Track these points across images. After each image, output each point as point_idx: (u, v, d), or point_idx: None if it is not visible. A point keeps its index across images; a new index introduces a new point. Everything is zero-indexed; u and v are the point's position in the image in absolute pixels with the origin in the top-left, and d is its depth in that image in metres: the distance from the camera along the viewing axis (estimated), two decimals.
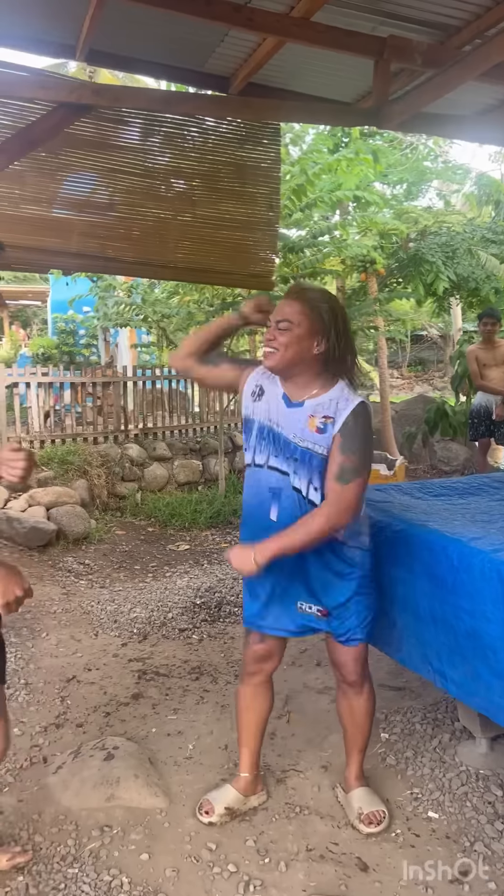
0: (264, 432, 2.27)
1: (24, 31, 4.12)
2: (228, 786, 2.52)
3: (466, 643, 2.13)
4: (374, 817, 2.39)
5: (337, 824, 2.44)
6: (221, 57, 4.35)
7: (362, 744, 2.50)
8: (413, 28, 3.89)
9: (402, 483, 3.18)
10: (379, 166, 7.18)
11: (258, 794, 2.54)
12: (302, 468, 2.19)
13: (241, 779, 2.51)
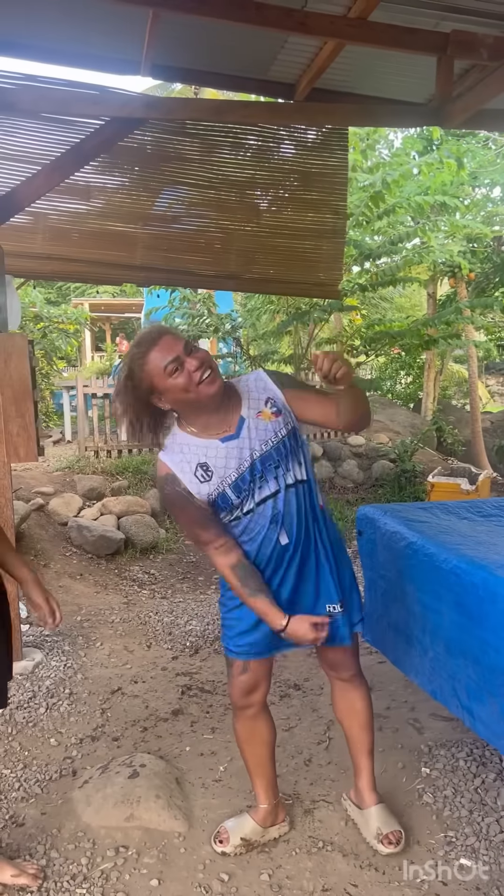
0: (239, 485, 2.06)
1: (89, 49, 4.20)
2: (247, 815, 2.42)
3: (493, 679, 1.96)
4: (393, 837, 2.31)
5: (360, 864, 2.29)
6: (283, 63, 4.30)
7: (370, 744, 2.41)
8: (479, 21, 3.71)
9: (450, 502, 2.99)
10: (463, 170, 6.90)
11: (279, 825, 2.43)
12: (289, 456, 2.09)
13: (259, 809, 2.41)
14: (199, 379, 1.95)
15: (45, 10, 3.67)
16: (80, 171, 4.03)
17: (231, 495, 2.06)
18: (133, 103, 3.70)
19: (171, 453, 2.10)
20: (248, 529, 2.10)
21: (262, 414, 2.08)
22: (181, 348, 1.96)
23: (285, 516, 2.08)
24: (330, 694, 2.50)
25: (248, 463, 2.05)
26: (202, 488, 2.06)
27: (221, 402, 2.04)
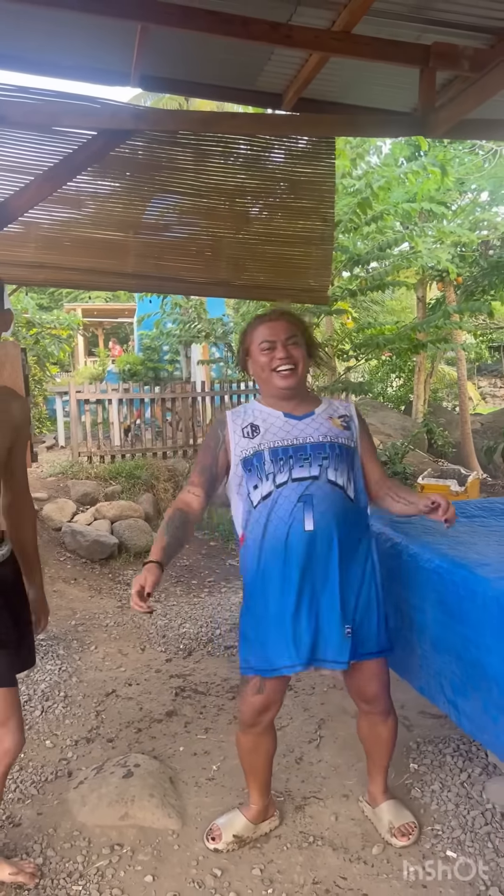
0: (279, 453, 2.18)
1: (79, 60, 4.27)
2: (238, 812, 2.49)
3: (474, 674, 2.02)
4: (406, 829, 2.40)
5: (349, 858, 2.35)
6: (271, 74, 4.37)
7: (387, 762, 2.50)
8: (460, 34, 3.79)
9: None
10: (448, 177, 6.99)
11: (269, 820, 2.50)
12: (339, 462, 2.19)
13: (251, 808, 2.48)
14: (276, 366, 2.19)
15: (36, 24, 3.73)
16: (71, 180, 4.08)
17: (267, 457, 2.17)
18: (123, 114, 3.77)
19: (235, 412, 2.33)
20: (278, 505, 2.15)
21: (333, 420, 2.26)
22: (283, 336, 2.19)
23: (316, 504, 2.13)
24: (320, 695, 2.57)
25: (297, 442, 2.19)
26: (242, 442, 2.23)
27: (298, 394, 2.25)
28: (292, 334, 2.22)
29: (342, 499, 2.18)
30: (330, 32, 3.65)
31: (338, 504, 2.17)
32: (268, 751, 2.43)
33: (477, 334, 11.49)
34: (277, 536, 2.15)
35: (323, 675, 3.53)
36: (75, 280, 4.84)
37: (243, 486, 2.23)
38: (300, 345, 2.23)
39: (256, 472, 2.20)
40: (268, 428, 2.22)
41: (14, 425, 2.08)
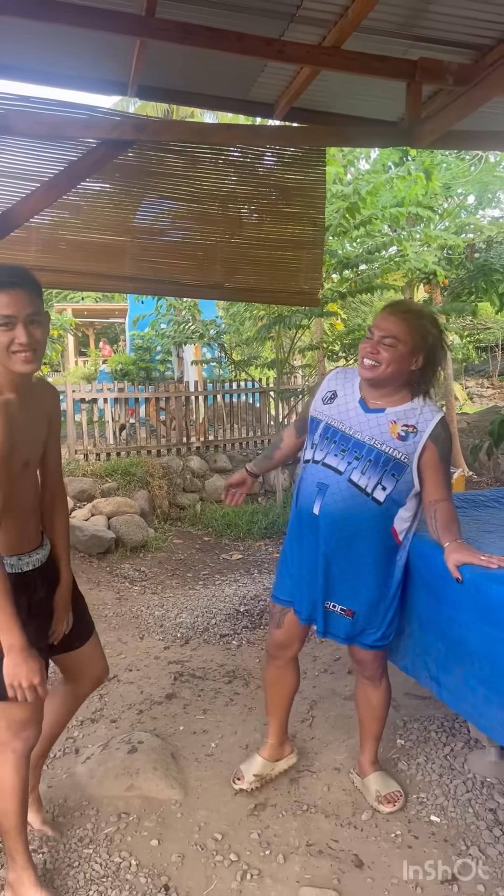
0: (329, 433, 2.35)
1: (80, 71, 4.43)
2: (255, 755, 2.76)
3: (455, 650, 2.20)
4: (392, 797, 2.57)
5: (340, 823, 2.53)
6: (263, 85, 4.54)
7: (378, 732, 2.67)
8: (445, 49, 3.97)
9: None
10: (432, 182, 7.19)
11: (286, 758, 2.78)
12: (372, 468, 2.25)
13: (266, 746, 2.76)
14: (364, 355, 2.28)
15: (38, 37, 3.89)
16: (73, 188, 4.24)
17: (320, 430, 2.38)
18: (123, 126, 3.93)
19: (340, 371, 2.53)
20: (304, 480, 2.42)
21: (393, 426, 2.28)
22: (381, 335, 2.24)
23: (329, 495, 2.30)
24: (311, 678, 2.79)
25: (349, 432, 2.32)
26: (317, 403, 2.45)
27: (381, 389, 2.31)
28: (391, 335, 2.22)
29: (360, 499, 2.27)
30: (321, 48, 3.83)
31: (351, 502, 2.28)
32: (289, 686, 2.71)
33: (464, 335, 11.66)
34: (299, 504, 2.44)
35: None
36: (74, 282, 5.01)
37: (307, 438, 2.48)
38: (396, 348, 2.22)
39: (311, 435, 2.44)
40: (340, 404, 2.37)
41: (49, 418, 2.13)
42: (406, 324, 2.23)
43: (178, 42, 3.63)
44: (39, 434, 2.09)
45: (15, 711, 1.99)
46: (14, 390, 1.94)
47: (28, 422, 1.99)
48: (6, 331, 1.84)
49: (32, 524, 2.09)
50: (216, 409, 8.83)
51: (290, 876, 2.28)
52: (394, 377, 2.27)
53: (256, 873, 2.29)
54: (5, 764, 2.02)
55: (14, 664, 1.83)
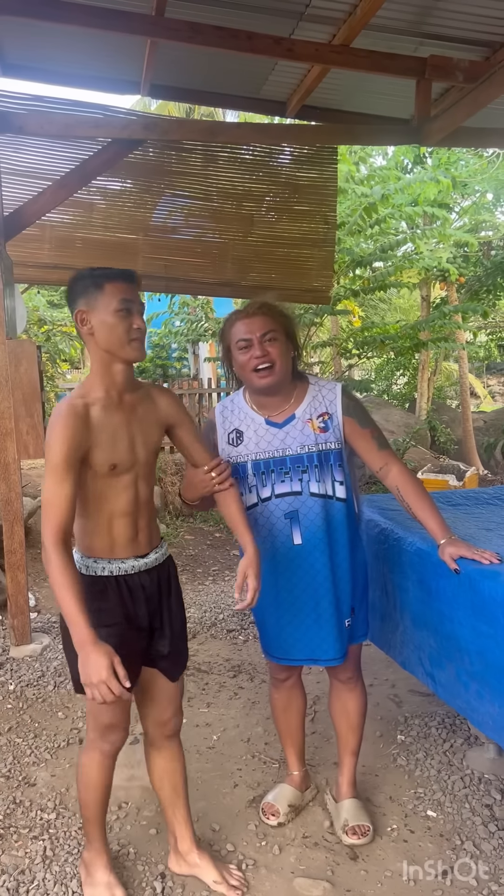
0: (261, 467, 2.25)
1: (92, 71, 4.49)
2: (284, 785, 2.60)
3: (448, 646, 2.21)
4: (359, 829, 2.40)
5: None
6: (275, 84, 4.58)
7: (356, 745, 2.52)
8: (455, 46, 3.98)
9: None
10: (447, 182, 7.16)
11: (310, 789, 2.65)
12: (321, 471, 2.22)
13: (294, 776, 2.61)
14: (254, 367, 2.14)
15: (51, 37, 3.95)
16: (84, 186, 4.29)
17: (250, 471, 2.25)
18: (133, 125, 3.97)
19: (224, 407, 2.35)
20: (264, 517, 2.26)
21: (311, 423, 2.23)
22: (259, 334, 2.13)
23: (302, 519, 2.22)
24: (315, 674, 2.75)
25: (278, 454, 2.23)
26: (227, 449, 2.29)
27: (280, 391, 2.22)
28: (269, 329, 2.14)
29: (329, 506, 2.23)
30: (330, 46, 3.85)
31: (324, 513, 2.23)
32: (299, 708, 2.57)
33: (485, 333, 11.60)
34: (267, 548, 2.24)
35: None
36: None
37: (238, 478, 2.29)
38: (279, 340, 2.16)
39: (241, 482, 2.26)
40: (251, 436, 2.26)
41: (165, 422, 2.07)
42: (270, 316, 2.17)
43: (187, 41, 3.68)
44: (143, 439, 1.99)
45: (99, 713, 2.00)
46: (105, 390, 1.93)
47: (121, 425, 1.93)
48: (125, 317, 1.88)
49: (123, 530, 1.97)
50: (212, 409, 8.88)
51: (284, 867, 2.31)
52: (286, 372, 2.20)
53: (252, 864, 2.32)
54: (92, 762, 2.09)
55: (83, 660, 1.75)
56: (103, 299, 1.88)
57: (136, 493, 1.98)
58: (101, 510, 1.94)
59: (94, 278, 1.90)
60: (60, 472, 1.81)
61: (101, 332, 1.89)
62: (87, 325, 1.90)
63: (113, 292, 1.88)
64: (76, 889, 2.21)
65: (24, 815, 2.59)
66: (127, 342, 1.89)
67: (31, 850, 2.40)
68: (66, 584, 1.76)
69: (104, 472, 1.90)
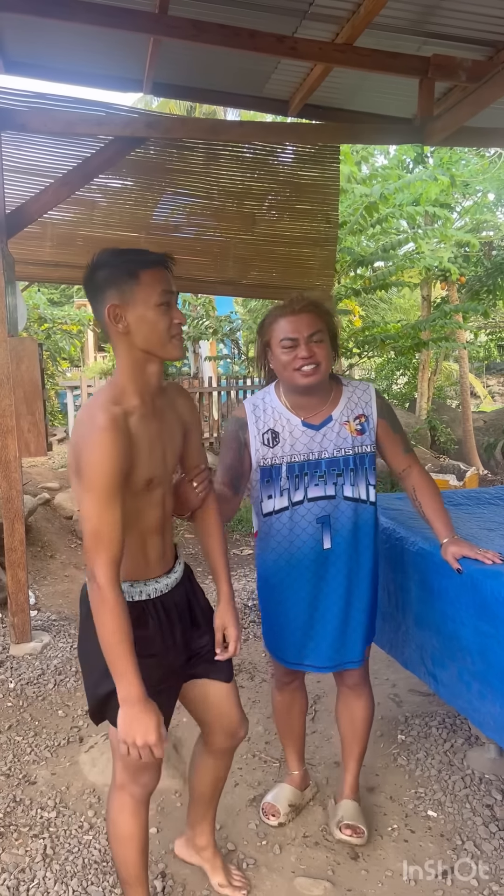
0: (295, 470, 2.18)
1: (94, 68, 4.48)
2: (284, 784, 2.60)
3: (451, 646, 2.21)
4: (353, 829, 2.37)
5: None
6: (277, 82, 4.56)
7: (359, 753, 2.49)
8: (459, 46, 3.97)
9: None
10: (450, 181, 7.16)
11: (310, 787, 2.64)
12: (356, 475, 2.19)
13: (294, 776, 2.60)
14: (298, 366, 2.07)
15: (53, 35, 3.94)
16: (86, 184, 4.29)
17: (284, 473, 2.17)
18: (135, 123, 3.97)
19: (255, 405, 2.23)
20: (293, 522, 2.19)
21: (348, 425, 2.19)
22: (307, 333, 2.05)
23: (334, 524, 2.18)
24: (316, 673, 2.72)
25: (314, 456, 2.17)
26: (262, 450, 2.19)
27: (317, 393, 2.16)
28: (316, 329, 2.07)
29: (360, 510, 2.20)
30: (333, 44, 3.84)
31: (355, 517, 2.20)
32: (302, 709, 2.56)
33: (485, 333, 11.61)
34: (292, 552, 2.21)
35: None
36: None
37: (259, 492, 2.24)
38: (325, 341, 2.09)
39: (272, 484, 2.20)
40: (286, 437, 2.18)
41: (185, 427, 1.91)
42: (317, 315, 2.10)
43: (190, 39, 3.67)
44: (171, 446, 1.83)
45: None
46: (140, 396, 1.72)
47: (156, 434, 1.75)
48: (167, 311, 1.67)
49: (155, 548, 1.81)
50: (230, 406, 8.89)
51: (285, 866, 2.31)
52: (326, 374, 2.14)
53: (252, 863, 2.32)
54: (123, 809, 1.88)
55: (129, 718, 1.61)
56: (141, 291, 1.64)
57: (165, 506, 1.83)
58: (134, 529, 1.73)
59: (126, 265, 1.65)
60: (110, 494, 1.58)
61: (141, 330, 1.66)
62: (122, 323, 1.65)
63: (151, 283, 1.64)
64: (76, 888, 2.21)
65: (24, 814, 2.59)
66: (169, 339, 1.68)
67: (31, 849, 2.40)
68: (120, 631, 1.58)
69: (140, 489, 1.71)
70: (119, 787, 1.88)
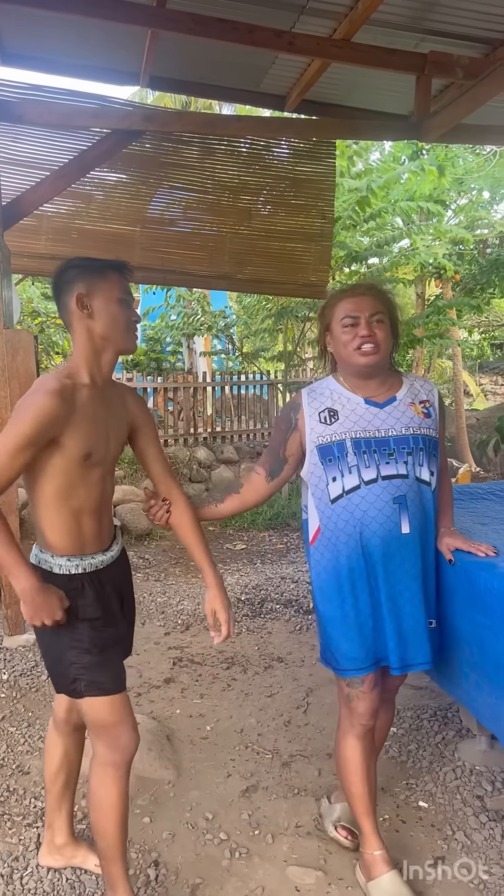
0: (361, 445, 2.03)
1: (92, 61, 4.48)
2: (379, 879, 2.12)
3: (450, 637, 2.21)
4: (347, 831, 2.34)
5: None
6: (275, 77, 4.57)
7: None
8: (456, 43, 3.99)
9: None
10: (444, 178, 7.19)
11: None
12: (426, 456, 2.06)
13: (377, 857, 2.14)
14: (359, 345, 2.01)
15: (51, 27, 3.93)
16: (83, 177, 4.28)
17: (349, 448, 2.02)
18: (132, 116, 3.97)
19: (312, 389, 2.16)
20: (367, 502, 2.01)
21: (414, 406, 2.10)
22: (368, 313, 2.02)
23: (410, 506, 2.02)
24: (308, 666, 2.71)
25: (380, 434, 2.04)
26: (319, 427, 2.07)
27: (376, 376, 2.08)
28: (377, 311, 2.03)
29: (429, 495, 2.08)
30: (331, 40, 3.85)
31: (426, 502, 2.07)
32: (374, 768, 2.24)
33: (478, 332, 11.63)
34: (369, 538, 2.01)
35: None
36: None
37: (321, 476, 2.07)
38: (384, 322, 2.05)
39: (337, 464, 2.04)
40: (348, 415, 2.06)
41: (133, 422, 2.01)
42: (381, 298, 2.08)
43: (188, 33, 3.67)
44: (115, 434, 1.93)
45: (100, 713, 1.87)
46: (92, 378, 1.87)
47: (101, 415, 1.87)
48: (126, 307, 1.88)
49: (90, 527, 1.89)
50: (224, 401, 8.90)
51: (277, 855, 2.33)
52: (386, 358, 2.08)
53: (245, 852, 2.34)
54: (104, 781, 1.90)
55: (35, 605, 1.75)
56: (106, 286, 1.85)
57: (104, 489, 1.92)
58: (69, 506, 1.84)
59: (94, 265, 1.88)
60: (24, 442, 1.70)
61: (103, 319, 1.84)
62: (87, 309, 1.83)
63: (115, 281, 1.87)
64: (70, 876, 2.22)
65: (17, 803, 2.60)
66: (127, 330, 1.89)
67: (24, 838, 2.41)
68: (2, 535, 1.72)
69: (77, 461, 1.80)
70: (101, 762, 1.91)
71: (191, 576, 5.50)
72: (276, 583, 5.11)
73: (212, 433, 8.47)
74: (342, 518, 2.04)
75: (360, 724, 2.14)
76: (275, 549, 6.27)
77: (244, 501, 2.20)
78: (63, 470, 1.80)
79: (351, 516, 2.03)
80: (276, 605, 4.66)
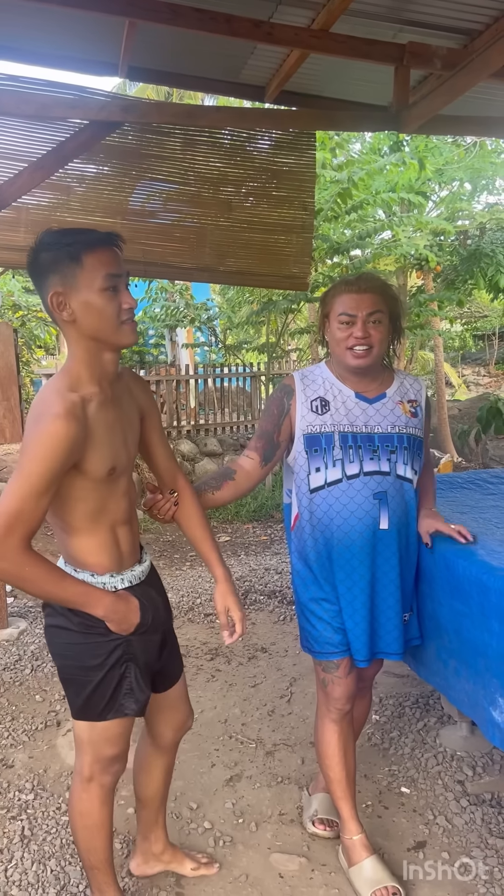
0: (349, 440, 2.06)
1: (68, 51, 4.43)
2: (360, 865, 2.15)
3: (429, 625, 2.24)
4: (326, 821, 2.37)
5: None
6: (254, 68, 4.54)
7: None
8: (435, 34, 3.98)
9: None
10: (426, 170, 7.20)
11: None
12: (408, 455, 2.08)
13: (355, 841, 2.17)
14: (352, 345, 2.01)
15: (27, 16, 3.88)
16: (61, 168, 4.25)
17: (336, 441, 2.04)
18: (111, 107, 3.93)
19: (304, 375, 2.16)
20: (348, 497, 2.04)
21: (402, 405, 2.12)
22: (365, 312, 2.00)
23: (390, 502, 2.05)
24: (292, 657, 2.73)
25: (366, 430, 2.06)
26: (309, 416, 2.08)
27: (367, 374, 2.09)
28: (377, 310, 2.01)
29: (409, 492, 2.10)
30: (309, 30, 3.82)
31: (408, 500, 2.10)
32: (353, 748, 2.29)
33: (460, 323, 11.67)
34: (346, 531, 2.05)
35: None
36: None
37: (304, 465, 2.09)
38: (383, 322, 2.04)
39: (321, 455, 2.06)
40: (338, 407, 2.08)
41: (143, 412, 1.87)
42: (381, 296, 2.04)
43: (166, 23, 3.63)
44: (132, 433, 1.79)
45: (103, 748, 1.82)
46: (98, 383, 1.66)
47: (115, 421, 1.70)
48: (113, 295, 1.60)
49: (126, 539, 1.78)
50: (207, 393, 8.89)
51: (261, 843, 2.35)
52: (380, 357, 2.08)
53: (229, 840, 2.36)
54: (93, 799, 1.87)
55: (119, 616, 1.68)
56: (84, 276, 1.57)
57: (130, 494, 1.78)
58: (103, 522, 1.71)
59: (68, 248, 1.58)
60: (45, 483, 1.51)
61: (87, 318, 1.59)
62: (66, 310, 1.58)
63: (95, 266, 1.57)
64: (54, 868, 2.23)
65: (1, 797, 2.61)
66: (118, 326, 1.61)
67: (9, 830, 2.42)
68: (54, 570, 1.60)
69: (102, 478, 1.65)
70: (88, 780, 1.86)
71: (174, 568, 5.51)
72: (261, 574, 5.12)
73: (195, 426, 8.46)
74: (321, 509, 2.08)
75: (335, 708, 2.17)
76: (258, 540, 6.29)
77: (239, 488, 2.17)
78: (90, 490, 1.65)
79: (330, 508, 2.07)
80: (259, 597, 4.68)
